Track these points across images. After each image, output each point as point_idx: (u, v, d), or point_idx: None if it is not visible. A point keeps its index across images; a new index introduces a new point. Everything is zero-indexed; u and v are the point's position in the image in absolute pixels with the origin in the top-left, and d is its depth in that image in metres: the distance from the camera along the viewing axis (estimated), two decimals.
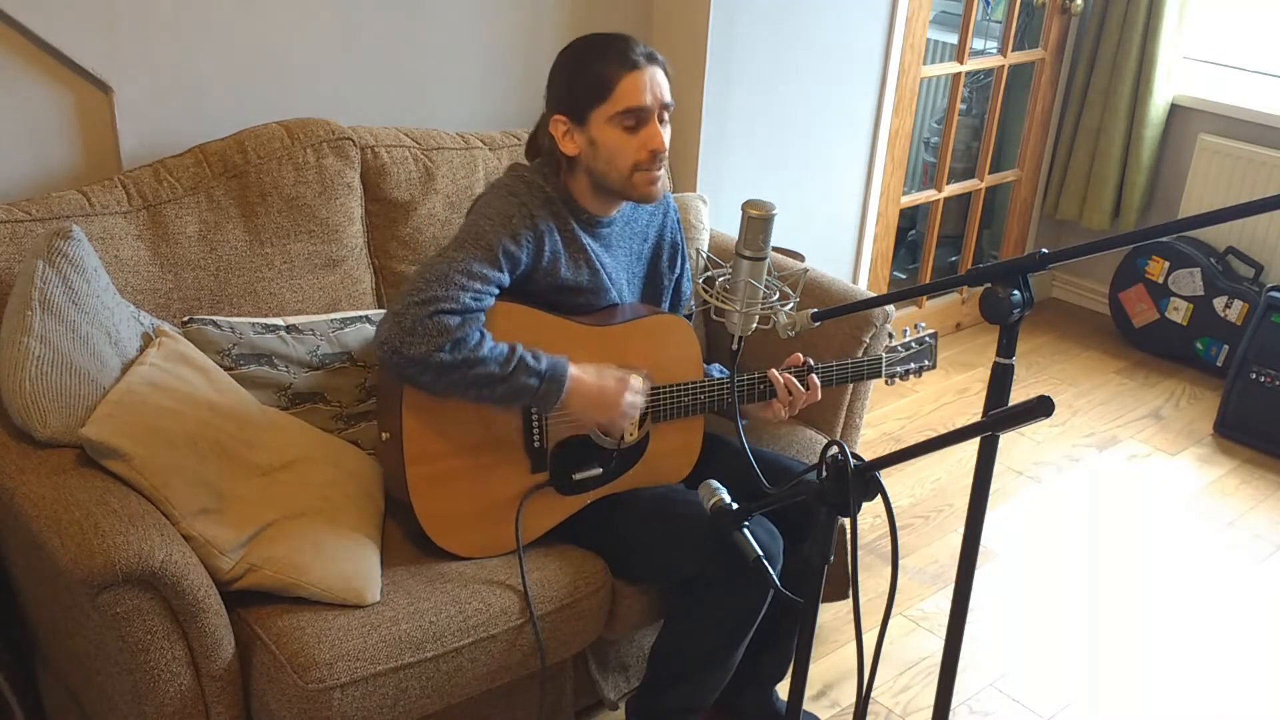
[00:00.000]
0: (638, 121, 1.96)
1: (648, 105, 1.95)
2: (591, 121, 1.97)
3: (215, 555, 1.79)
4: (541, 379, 1.91)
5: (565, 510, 2.11)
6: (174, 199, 2.17)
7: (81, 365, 1.85)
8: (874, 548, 3.01)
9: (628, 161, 1.97)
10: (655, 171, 1.99)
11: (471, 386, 1.88)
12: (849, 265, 3.60)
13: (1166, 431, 3.65)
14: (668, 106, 2.00)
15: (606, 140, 1.97)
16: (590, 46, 2.00)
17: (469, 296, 1.88)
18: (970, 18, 3.69)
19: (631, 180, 1.99)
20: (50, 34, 2.11)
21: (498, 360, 1.88)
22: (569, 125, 2.00)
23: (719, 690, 2.14)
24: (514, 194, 2.00)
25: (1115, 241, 1.49)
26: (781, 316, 1.84)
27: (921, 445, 1.35)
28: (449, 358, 1.85)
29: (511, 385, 1.89)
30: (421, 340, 1.84)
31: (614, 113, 1.95)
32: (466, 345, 1.86)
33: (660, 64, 2.00)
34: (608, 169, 1.99)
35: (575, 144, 2.00)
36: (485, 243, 1.93)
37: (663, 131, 1.99)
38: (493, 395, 1.90)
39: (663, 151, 1.98)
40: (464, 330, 1.86)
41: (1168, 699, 2.55)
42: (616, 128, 1.96)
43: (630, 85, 1.94)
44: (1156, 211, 4.20)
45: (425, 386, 1.89)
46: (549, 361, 1.93)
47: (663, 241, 2.24)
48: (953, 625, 1.65)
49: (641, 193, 2.01)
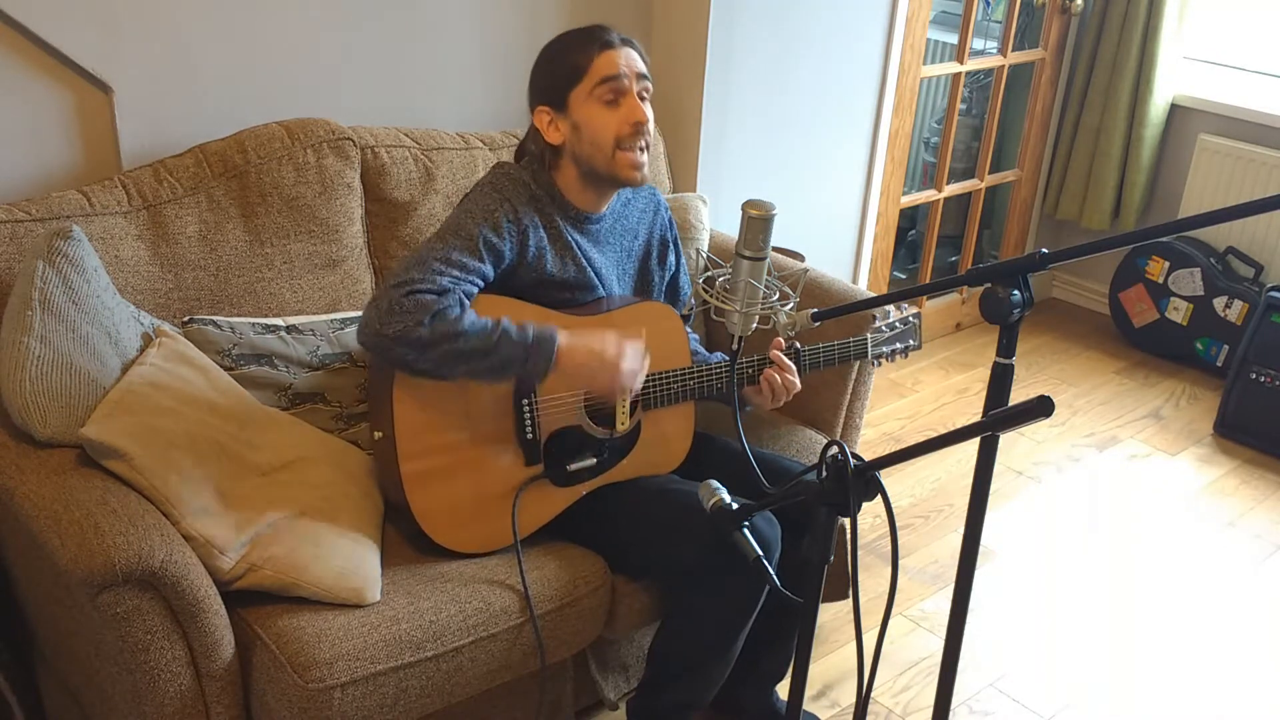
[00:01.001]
0: (616, 94, 1.99)
1: (622, 73, 1.98)
2: (572, 104, 2.00)
3: (215, 555, 1.79)
4: (528, 347, 1.89)
5: (561, 502, 2.11)
6: (174, 199, 2.17)
7: (82, 365, 1.85)
8: (874, 548, 3.01)
9: (610, 136, 1.99)
10: (638, 152, 2.01)
11: (458, 360, 1.86)
12: (849, 265, 3.60)
13: (1166, 431, 3.65)
14: (645, 78, 2.03)
15: (588, 119, 1.99)
16: (564, 38, 2.05)
17: (446, 280, 1.88)
18: (970, 18, 3.69)
19: (615, 160, 2.01)
20: (50, 34, 2.11)
21: (480, 333, 1.86)
22: (551, 114, 2.03)
23: (718, 685, 2.14)
24: (497, 189, 2.01)
25: (1115, 241, 1.49)
26: (781, 316, 1.84)
27: (921, 445, 1.35)
28: (428, 332, 1.83)
29: (499, 356, 1.87)
30: (399, 318, 1.83)
31: (591, 86, 1.98)
32: (446, 318, 1.84)
33: (635, 47, 2.04)
34: (593, 150, 2.01)
35: (560, 131, 2.02)
36: (465, 233, 1.93)
37: (644, 109, 2.01)
38: (480, 368, 1.88)
39: (645, 123, 2.00)
40: (441, 304, 1.85)
41: (1167, 699, 2.55)
42: (597, 103, 1.99)
43: (604, 60, 1.98)
44: (1156, 211, 4.20)
45: (410, 365, 1.87)
46: (535, 330, 1.91)
47: (652, 239, 2.25)
48: (953, 625, 1.65)
49: (626, 175, 2.02)
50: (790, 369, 2.16)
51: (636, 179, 2.03)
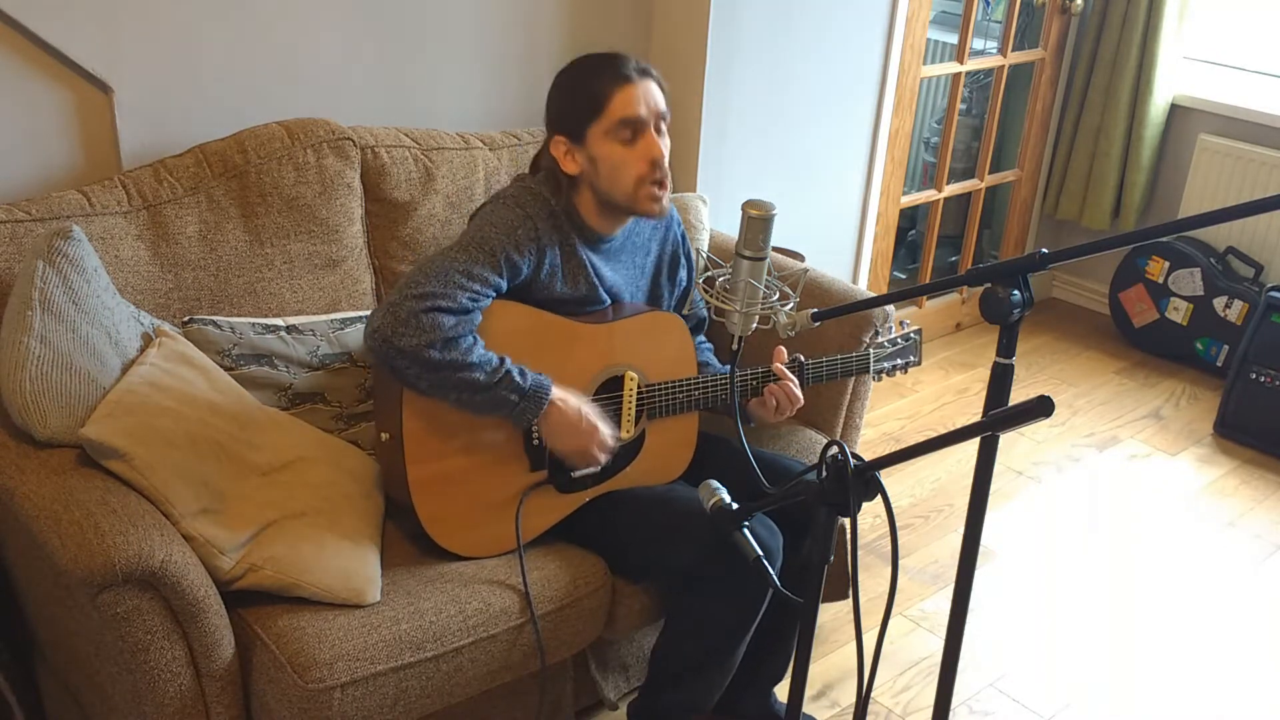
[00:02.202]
0: (634, 133, 1.98)
1: (642, 116, 1.98)
2: (589, 138, 1.99)
3: (215, 555, 1.79)
4: (523, 395, 1.92)
5: (565, 508, 2.11)
6: (174, 199, 2.17)
7: (82, 365, 1.85)
8: (874, 548, 3.01)
9: (630, 175, 1.99)
10: (659, 187, 2.01)
11: (455, 389, 1.89)
12: (849, 265, 3.60)
13: (1166, 431, 3.65)
14: (664, 117, 2.02)
15: (606, 156, 1.99)
16: (584, 66, 2.03)
17: (466, 296, 1.89)
18: (970, 18, 3.69)
19: (637, 196, 2.01)
20: (50, 34, 2.11)
21: (485, 368, 1.89)
22: (568, 145, 2.02)
23: (720, 689, 2.14)
24: (520, 205, 2.01)
25: (1115, 241, 1.49)
26: (781, 316, 1.84)
27: (921, 445, 1.35)
28: (439, 356, 1.86)
29: (493, 396, 1.91)
30: (414, 333, 1.85)
31: (610, 126, 1.97)
32: (458, 347, 1.87)
33: (654, 78, 2.03)
34: (611, 186, 2.01)
35: (576, 163, 2.02)
36: (489, 247, 1.94)
37: (661, 143, 2.00)
38: (472, 402, 1.91)
39: (662, 159, 2.00)
40: (457, 331, 1.87)
41: (1167, 699, 2.55)
42: (614, 141, 1.98)
43: (624, 98, 1.97)
44: (1156, 211, 4.20)
45: (410, 380, 1.90)
46: (534, 380, 1.94)
47: (664, 255, 2.26)
48: (953, 625, 1.65)
49: (645, 209, 2.03)
50: (793, 380, 2.17)
51: (656, 211, 2.04)
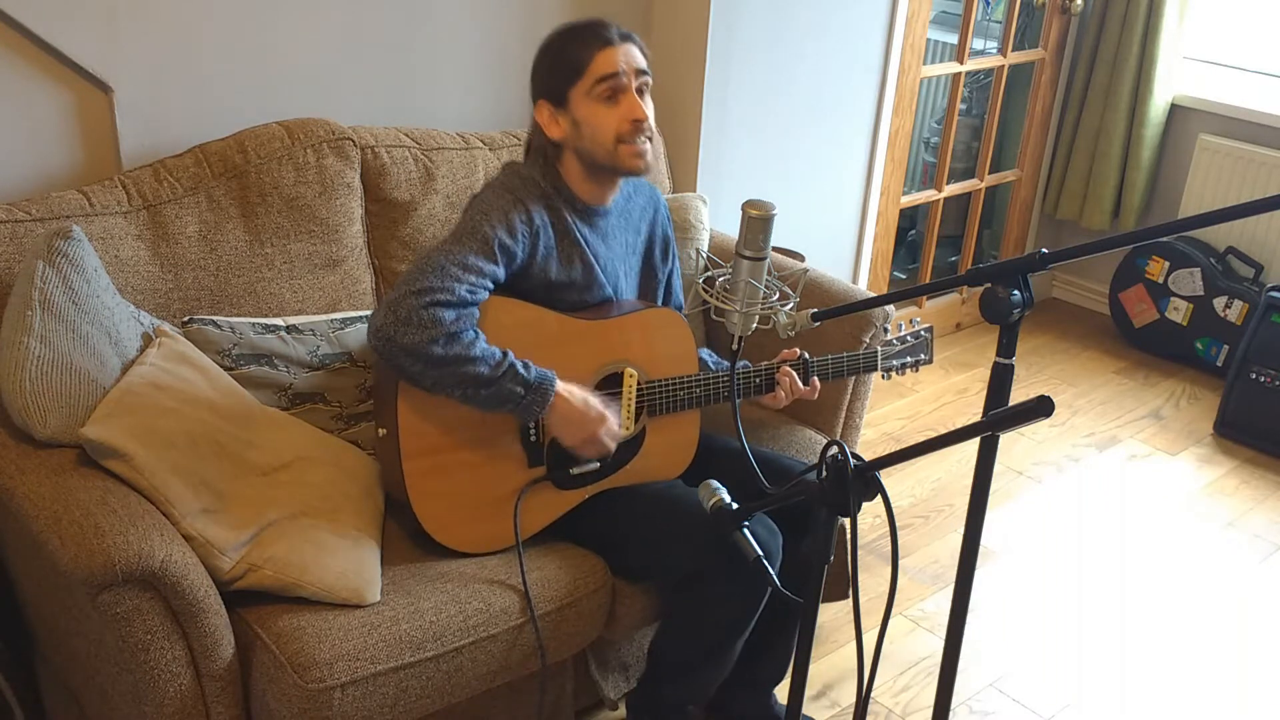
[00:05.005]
0: (614, 91, 1.99)
1: (621, 71, 1.99)
2: (571, 100, 2.01)
3: (215, 555, 1.79)
4: (528, 388, 1.92)
5: (563, 505, 2.11)
6: (174, 199, 2.17)
7: (81, 365, 1.85)
8: (874, 548, 3.01)
9: (610, 134, 2.00)
10: (640, 144, 2.02)
11: (459, 385, 1.89)
12: (849, 265, 3.60)
13: (1166, 431, 3.65)
14: (644, 74, 2.03)
15: (588, 116, 2.00)
16: (564, 32, 2.05)
17: (464, 289, 1.89)
18: (970, 18, 3.69)
19: (617, 153, 2.02)
20: (50, 34, 2.11)
21: (489, 362, 1.89)
22: (551, 109, 2.04)
23: (717, 684, 2.15)
24: (509, 189, 2.02)
25: (1115, 241, 1.49)
26: (781, 316, 1.84)
27: (921, 445, 1.35)
28: (442, 351, 1.86)
29: (498, 390, 1.91)
30: (416, 330, 1.85)
31: (590, 84, 1.99)
32: (460, 341, 1.87)
33: (635, 42, 2.04)
34: (593, 145, 2.02)
35: (560, 127, 2.03)
36: (481, 236, 1.94)
37: (644, 104, 2.01)
38: (477, 397, 1.91)
39: (644, 121, 2.01)
40: (459, 325, 1.88)
41: (1167, 699, 2.55)
42: (596, 101, 1.99)
43: (603, 58, 1.99)
44: (1156, 211, 4.20)
45: (414, 378, 1.90)
46: (538, 373, 1.94)
47: (654, 235, 2.27)
48: (953, 625, 1.65)
49: (629, 165, 2.03)
50: (791, 375, 2.17)
51: (640, 167, 2.05)
